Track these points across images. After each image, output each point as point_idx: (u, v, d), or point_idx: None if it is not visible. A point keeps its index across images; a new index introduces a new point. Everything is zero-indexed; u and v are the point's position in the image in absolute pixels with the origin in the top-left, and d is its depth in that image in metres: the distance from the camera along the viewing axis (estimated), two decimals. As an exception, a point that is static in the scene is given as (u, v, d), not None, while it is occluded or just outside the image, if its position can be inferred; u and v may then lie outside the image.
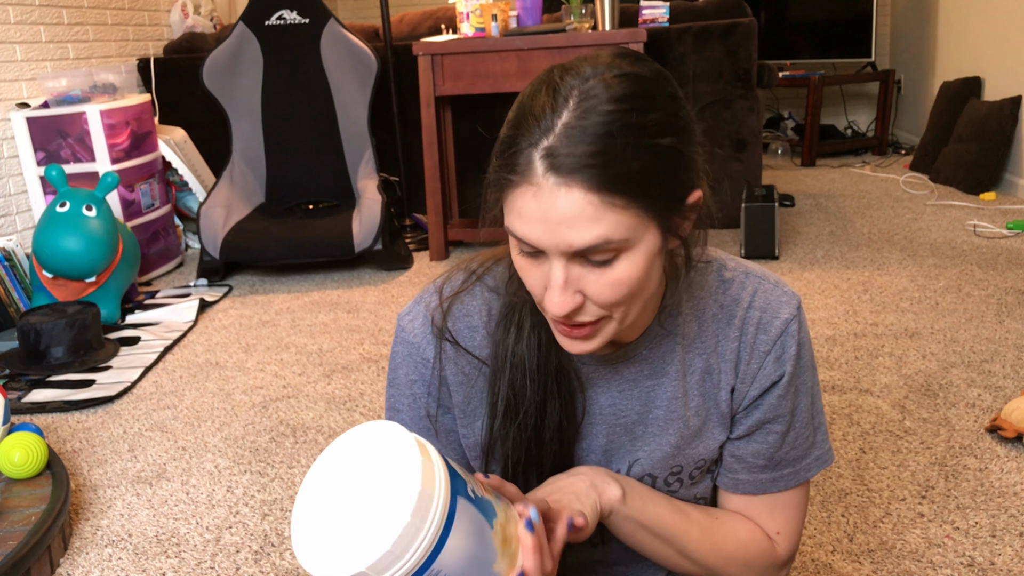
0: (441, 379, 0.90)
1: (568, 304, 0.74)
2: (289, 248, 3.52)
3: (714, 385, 0.89)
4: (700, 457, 0.91)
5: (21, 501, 1.69)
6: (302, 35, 3.90)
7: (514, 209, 0.73)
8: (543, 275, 0.75)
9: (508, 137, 0.74)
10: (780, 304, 0.89)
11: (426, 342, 0.90)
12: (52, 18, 3.70)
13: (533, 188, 0.71)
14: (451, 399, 0.91)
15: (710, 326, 0.89)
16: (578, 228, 0.70)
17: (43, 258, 2.90)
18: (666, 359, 0.88)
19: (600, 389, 0.89)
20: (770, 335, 0.88)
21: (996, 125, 4.28)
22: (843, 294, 2.93)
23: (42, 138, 3.42)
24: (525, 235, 0.73)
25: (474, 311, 0.90)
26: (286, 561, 1.62)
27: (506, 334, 0.87)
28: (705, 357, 0.89)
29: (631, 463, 0.90)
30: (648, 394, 0.89)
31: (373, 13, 6.27)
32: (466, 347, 0.89)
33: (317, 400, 2.33)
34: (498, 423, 0.87)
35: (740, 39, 3.70)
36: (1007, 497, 1.68)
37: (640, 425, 0.89)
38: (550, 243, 0.72)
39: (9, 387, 2.51)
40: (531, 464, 0.88)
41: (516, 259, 0.78)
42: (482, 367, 0.89)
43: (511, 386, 0.86)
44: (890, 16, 6.16)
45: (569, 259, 0.73)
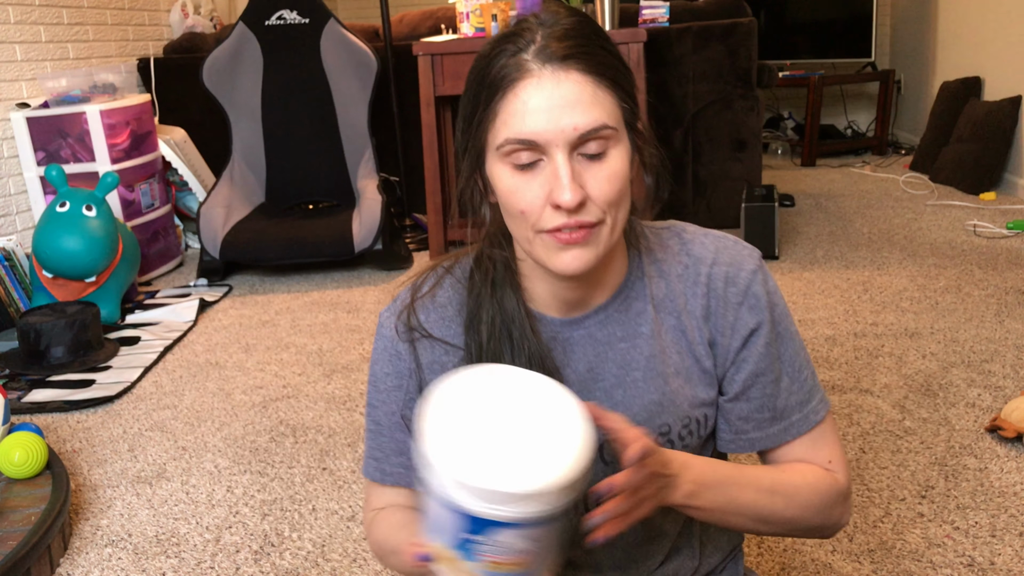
0: (419, 377, 0.92)
1: (578, 193, 0.78)
2: (289, 248, 3.52)
3: (689, 342, 0.91)
4: (686, 415, 0.91)
5: (21, 501, 1.69)
6: (302, 35, 3.90)
7: (514, 111, 0.78)
8: (542, 183, 0.79)
9: (484, 68, 0.81)
10: (743, 258, 0.92)
11: (400, 338, 0.93)
12: (52, 18, 3.70)
13: (534, 80, 0.78)
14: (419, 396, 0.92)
15: (677, 285, 0.92)
16: (580, 110, 0.77)
17: (43, 258, 2.90)
18: (638, 320, 0.91)
19: (576, 356, 0.90)
20: (739, 286, 0.91)
21: (996, 125, 4.28)
22: (843, 294, 2.93)
23: (42, 138, 3.42)
24: (531, 129, 0.77)
25: (447, 302, 0.93)
26: (286, 561, 1.62)
27: (476, 333, 0.89)
28: (676, 315, 0.91)
29: None
30: (624, 356, 0.90)
31: (373, 13, 6.26)
32: (441, 337, 0.92)
33: (317, 400, 2.33)
34: None
35: (740, 39, 3.70)
36: (1007, 497, 1.68)
37: (619, 388, 0.90)
38: (555, 131, 0.77)
39: (9, 387, 2.51)
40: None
41: (509, 183, 0.81)
42: (459, 354, 0.91)
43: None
44: (890, 16, 6.16)
45: (570, 153, 0.78)
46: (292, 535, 1.71)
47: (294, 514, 1.78)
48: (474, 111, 0.82)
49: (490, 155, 0.82)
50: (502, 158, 0.80)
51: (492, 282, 0.90)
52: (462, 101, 0.85)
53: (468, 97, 0.84)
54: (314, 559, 1.62)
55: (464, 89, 0.85)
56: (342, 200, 4.01)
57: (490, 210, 0.89)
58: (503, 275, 0.90)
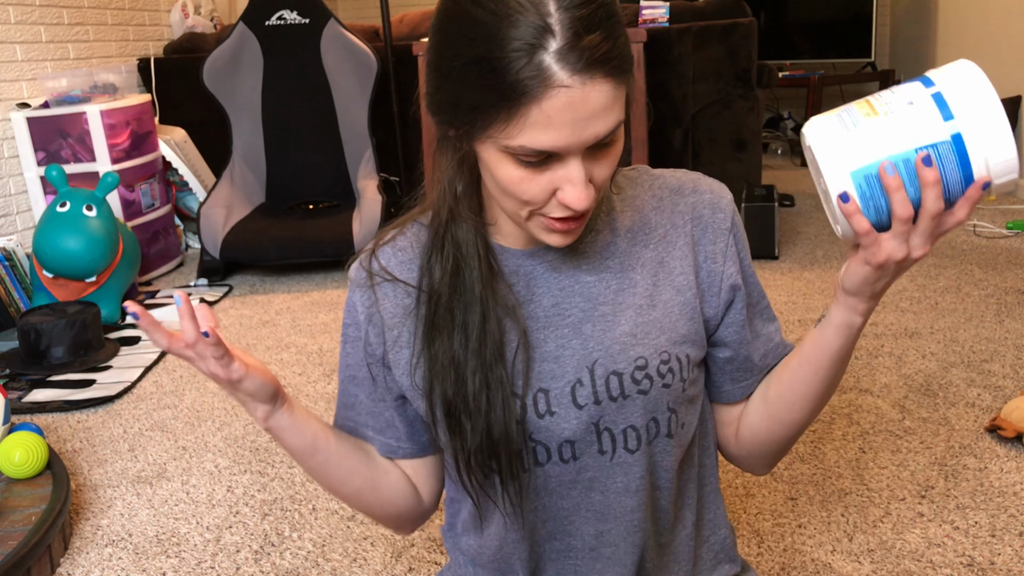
0: (380, 322, 0.91)
1: (590, 197, 0.76)
2: (289, 248, 3.52)
3: (668, 273, 0.90)
4: (664, 350, 0.87)
5: (21, 501, 1.69)
6: (302, 35, 3.90)
7: (534, 122, 0.71)
8: (550, 179, 0.76)
9: (489, 58, 0.70)
10: (718, 187, 0.94)
11: (355, 287, 0.92)
12: (52, 18, 3.70)
13: (562, 96, 0.70)
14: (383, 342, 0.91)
15: (652, 217, 0.91)
16: (604, 117, 0.73)
17: (43, 258, 2.90)
18: (604, 253, 0.89)
19: (542, 292, 0.88)
20: (726, 212, 0.92)
21: (996, 125, 4.28)
22: (843, 294, 2.93)
23: (42, 138, 3.42)
24: (552, 143, 0.72)
25: (407, 245, 0.91)
26: (286, 561, 1.62)
27: (431, 271, 0.87)
28: (652, 247, 0.90)
29: (591, 367, 0.87)
30: (590, 290, 0.88)
31: (373, 13, 6.26)
32: (402, 279, 0.90)
33: (317, 400, 2.33)
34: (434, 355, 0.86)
35: (740, 39, 3.70)
36: (1007, 497, 1.69)
37: (587, 323, 0.88)
38: (576, 142, 0.73)
39: (9, 387, 2.51)
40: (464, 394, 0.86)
41: (513, 174, 0.76)
42: (419, 296, 0.89)
43: (437, 315, 0.87)
44: (890, 16, 6.16)
45: (583, 155, 0.75)
46: (292, 535, 1.71)
47: (294, 514, 1.78)
48: (469, 100, 0.73)
49: (491, 143, 0.75)
50: (510, 154, 0.75)
51: (451, 216, 0.86)
52: (440, 54, 0.75)
53: (458, 73, 0.73)
54: (314, 559, 1.62)
55: (440, 43, 0.75)
56: (342, 200, 4.01)
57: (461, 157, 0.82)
58: (465, 210, 0.85)
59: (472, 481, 0.88)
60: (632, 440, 0.88)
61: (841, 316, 0.85)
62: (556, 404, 0.86)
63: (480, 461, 0.86)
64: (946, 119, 0.73)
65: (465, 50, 0.72)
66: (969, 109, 0.73)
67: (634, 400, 0.87)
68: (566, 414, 0.87)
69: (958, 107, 0.73)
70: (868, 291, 0.82)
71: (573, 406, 0.86)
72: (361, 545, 1.66)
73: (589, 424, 0.87)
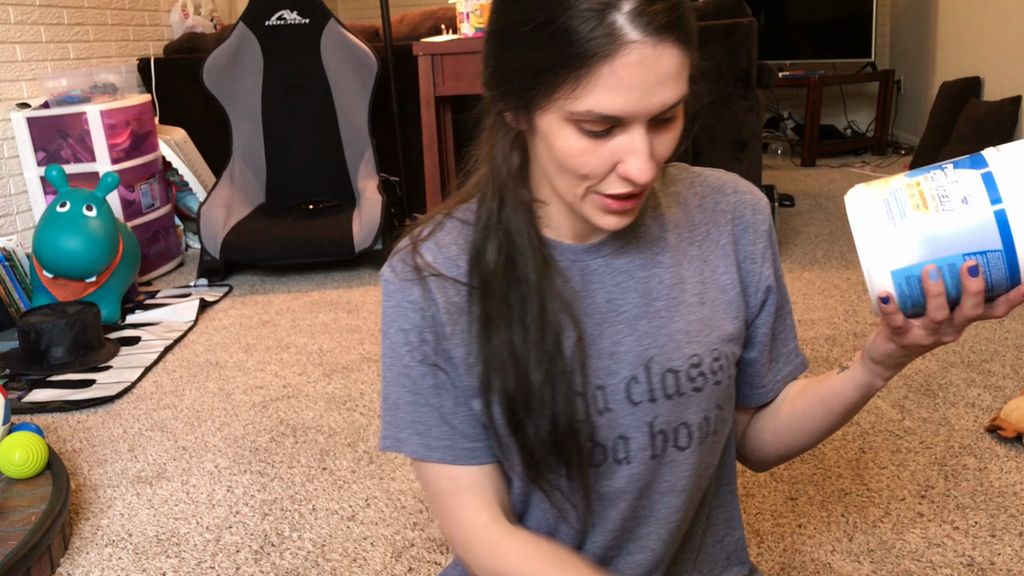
0: (434, 318, 0.85)
1: (654, 171, 0.74)
2: (289, 248, 3.52)
3: (712, 271, 0.90)
4: (715, 348, 0.87)
5: (21, 501, 1.69)
6: (302, 35, 3.90)
7: (604, 85, 0.70)
8: (612, 151, 0.74)
9: (558, 19, 0.70)
10: (755, 188, 0.94)
11: (406, 286, 0.86)
12: (52, 18, 3.70)
13: (633, 56, 0.69)
14: (436, 339, 0.86)
15: (696, 214, 0.91)
16: (672, 86, 0.72)
17: (43, 258, 2.90)
18: (656, 248, 0.88)
19: (596, 287, 0.86)
20: (765, 214, 0.92)
21: (996, 125, 4.28)
22: (843, 294, 2.93)
23: (42, 138, 3.42)
24: (620, 107, 0.71)
25: (451, 242, 0.87)
26: (286, 561, 1.62)
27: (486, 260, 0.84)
28: (698, 244, 0.90)
29: (647, 364, 0.85)
30: (644, 285, 0.87)
31: (373, 13, 6.26)
32: (449, 276, 0.86)
33: (317, 400, 2.33)
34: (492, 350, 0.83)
35: (740, 39, 3.70)
36: (1007, 497, 1.68)
37: (643, 319, 0.86)
38: (644, 109, 0.71)
39: (9, 387, 2.51)
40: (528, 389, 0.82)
41: (574, 145, 0.74)
42: (472, 292, 0.85)
43: (492, 312, 0.83)
44: (890, 16, 6.16)
45: (648, 126, 0.73)
46: (292, 535, 1.71)
47: (294, 514, 1.78)
48: (536, 56, 0.72)
49: (552, 110, 0.74)
50: (571, 120, 0.73)
51: (501, 207, 0.84)
52: (506, 20, 0.74)
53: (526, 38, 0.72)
54: (314, 559, 1.62)
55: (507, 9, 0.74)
56: (342, 200, 4.01)
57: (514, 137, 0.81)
58: (514, 202, 0.83)
59: (537, 476, 0.85)
60: (683, 438, 0.88)
61: (863, 378, 0.86)
62: (612, 400, 0.85)
63: (546, 455, 0.84)
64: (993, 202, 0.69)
65: (534, 14, 0.72)
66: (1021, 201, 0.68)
67: (689, 398, 0.87)
68: (621, 410, 0.86)
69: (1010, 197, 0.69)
70: (892, 363, 0.83)
71: (628, 402, 0.85)
72: (361, 545, 1.66)
73: (644, 423, 0.86)
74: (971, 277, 0.70)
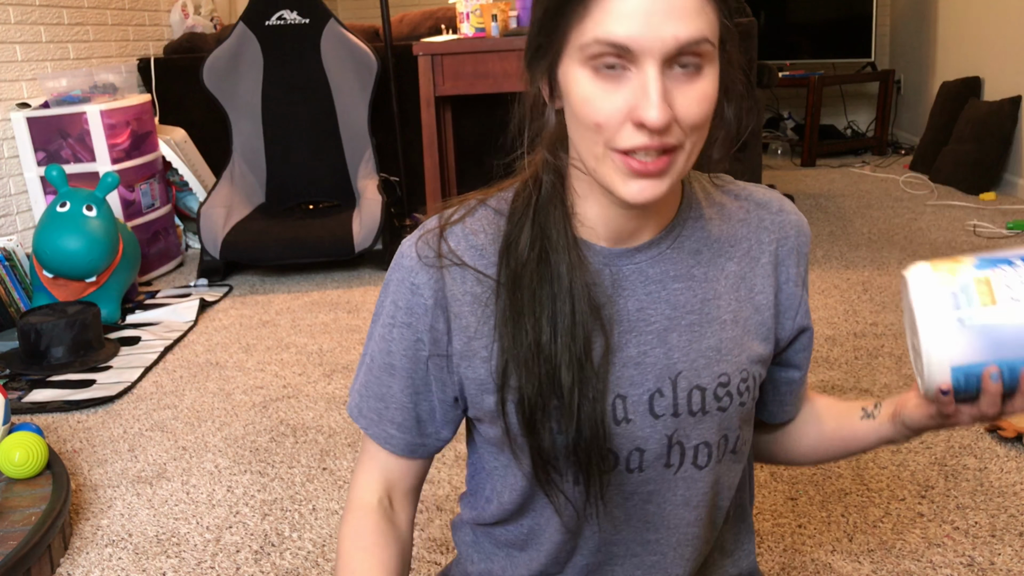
0: (444, 311, 0.84)
1: (667, 113, 0.70)
2: (289, 248, 3.52)
3: (748, 290, 0.87)
4: (744, 368, 0.86)
5: (21, 501, 1.69)
6: (302, 35, 3.90)
7: (608, 8, 0.69)
8: (625, 96, 0.71)
9: None
10: (797, 210, 0.92)
11: (420, 267, 0.84)
12: (52, 18, 3.70)
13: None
14: (448, 331, 0.85)
15: (739, 230, 0.88)
16: (685, 19, 0.69)
17: (43, 258, 2.90)
18: (693, 260, 0.85)
19: (627, 294, 0.84)
20: (807, 237, 0.91)
21: (996, 125, 4.28)
22: (843, 294, 2.93)
23: (42, 138, 3.42)
24: (626, 32, 0.69)
25: (480, 230, 0.85)
26: (286, 561, 1.62)
27: (517, 253, 0.82)
28: (737, 261, 0.87)
29: (674, 378, 0.84)
30: (676, 297, 0.84)
31: (373, 13, 6.27)
32: (473, 266, 0.83)
33: (317, 400, 2.33)
34: (508, 354, 0.81)
35: (740, 39, 3.70)
36: (1007, 497, 1.69)
37: (673, 332, 0.84)
38: (653, 37, 0.69)
39: (9, 387, 2.51)
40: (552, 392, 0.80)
41: (587, 89, 0.72)
42: (495, 286, 0.83)
43: (520, 313, 0.81)
44: (890, 16, 6.16)
45: (663, 66, 0.70)
46: (292, 535, 1.71)
47: (294, 514, 1.78)
48: (552, 2, 0.73)
49: (569, 55, 0.73)
50: (584, 61, 0.72)
51: (538, 200, 0.82)
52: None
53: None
54: (314, 559, 1.62)
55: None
56: (342, 200, 4.01)
57: (555, 115, 0.80)
58: (551, 195, 0.82)
59: (546, 478, 0.84)
60: (703, 456, 0.86)
61: (889, 434, 0.88)
62: (633, 412, 0.84)
63: (561, 460, 0.82)
64: None
65: None
66: None
67: (712, 416, 0.85)
68: (641, 422, 0.84)
69: None
70: (925, 430, 0.85)
71: (649, 415, 0.84)
72: (361, 545, 1.65)
73: (663, 436, 0.84)
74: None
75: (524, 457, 0.84)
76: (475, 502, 0.98)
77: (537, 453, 0.82)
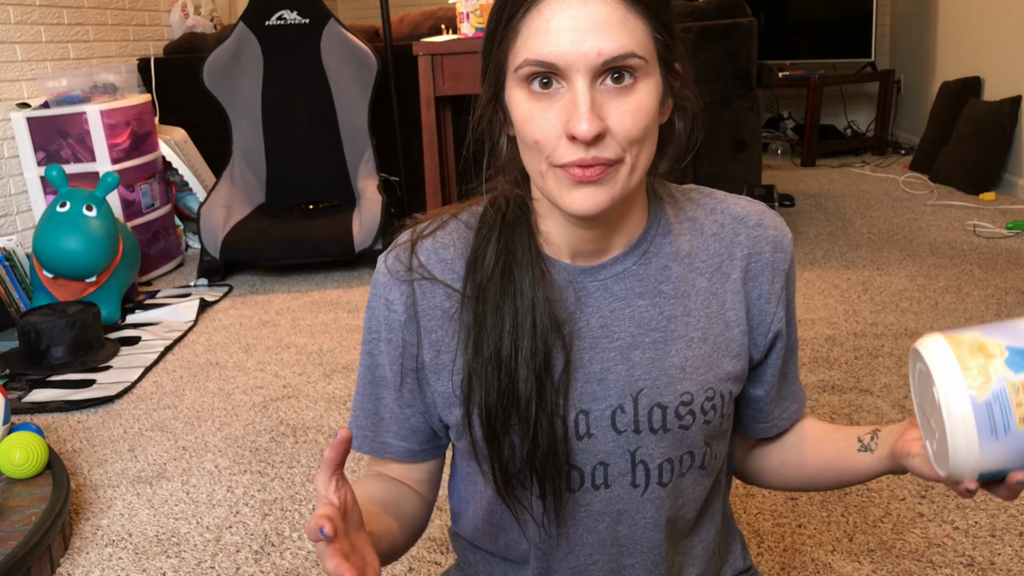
0: (416, 324, 0.86)
1: (595, 125, 0.71)
2: (289, 248, 3.52)
3: (720, 306, 0.87)
4: (710, 387, 0.85)
5: (21, 501, 1.69)
6: (302, 35, 3.90)
7: (535, 30, 0.72)
8: (559, 112, 0.73)
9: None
10: (782, 225, 0.90)
11: (391, 282, 0.86)
12: (52, 18, 3.70)
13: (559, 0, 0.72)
14: (419, 344, 0.87)
15: (712, 244, 0.87)
16: (608, 34, 0.71)
17: (43, 258, 2.90)
18: (659, 277, 0.85)
19: (590, 308, 0.84)
20: (787, 252, 0.89)
21: (996, 125, 4.28)
22: (843, 294, 2.93)
23: (42, 138, 3.42)
24: (551, 51, 0.72)
25: (449, 244, 0.87)
26: (286, 561, 1.62)
27: (477, 274, 0.84)
28: (708, 276, 0.87)
29: (635, 396, 0.84)
30: (641, 314, 0.84)
31: (373, 13, 6.27)
32: (442, 279, 0.85)
33: (317, 400, 2.33)
34: (471, 366, 0.83)
35: (740, 39, 3.70)
36: (1007, 497, 1.69)
37: (636, 349, 0.84)
38: (578, 54, 0.71)
39: (9, 387, 2.51)
40: (511, 404, 0.82)
41: (524, 109, 0.75)
42: (464, 300, 0.85)
43: (483, 327, 0.83)
44: (890, 16, 6.16)
45: (592, 81, 0.72)
46: (292, 535, 1.71)
47: (294, 514, 1.78)
48: (496, 28, 0.77)
49: (509, 78, 0.76)
50: (520, 82, 0.75)
51: (503, 219, 0.84)
52: (488, 18, 0.79)
53: (493, 12, 0.78)
54: (314, 559, 1.62)
55: (490, 12, 0.79)
56: (342, 200, 4.01)
57: (508, 144, 0.83)
58: (517, 213, 0.84)
59: (510, 492, 0.85)
60: (667, 473, 0.86)
61: (889, 470, 0.86)
62: (595, 426, 0.84)
63: (522, 473, 0.83)
64: None
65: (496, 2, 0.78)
66: None
67: (674, 434, 0.85)
68: (604, 437, 0.84)
69: None
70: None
71: (612, 430, 0.84)
72: (361, 545, 1.65)
73: (626, 451, 0.85)
74: None
75: (489, 470, 0.86)
76: (453, 503, 1.00)
77: (499, 465, 0.83)
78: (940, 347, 0.69)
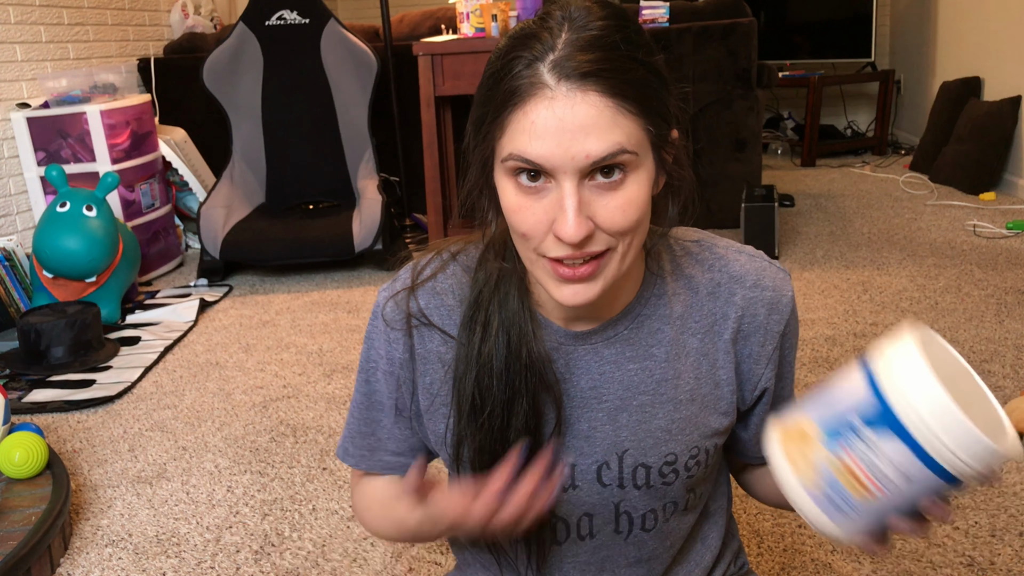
0: (412, 368, 0.88)
1: (582, 228, 0.70)
2: (289, 248, 3.52)
3: (711, 366, 0.86)
4: (695, 445, 0.86)
5: (21, 501, 1.69)
6: (302, 35, 3.90)
7: (522, 129, 0.71)
8: (546, 208, 0.72)
9: (498, 71, 0.73)
10: (782, 282, 0.88)
11: (392, 327, 0.88)
12: (52, 18, 3.70)
13: (547, 99, 0.69)
14: (414, 387, 0.89)
15: (706, 304, 0.86)
16: (596, 135, 0.69)
17: (43, 258, 2.90)
18: (651, 341, 0.85)
19: (580, 372, 0.85)
20: (783, 315, 0.87)
21: (996, 125, 4.28)
22: (843, 294, 2.93)
23: (42, 138, 3.42)
24: (537, 152, 0.70)
25: (449, 290, 0.87)
26: (286, 561, 1.62)
27: (471, 333, 0.84)
28: (700, 337, 0.86)
29: (620, 455, 0.85)
30: (632, 378, 0.85)
31: (373, 13, 6.26)
32: (440, 327, 0.86)
33: (317, 400, 2.33)
34: (463, 422, 0.84)
35: (740, 39, 3.70)
36: (1007, 497, 1.68)
37: (624, 412, 0.85)
38: (565, 156, 0.69)
39: (9, 387, 2.51)
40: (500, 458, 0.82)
41: (512, 200, 0.74)
42: (458, 364, 0.86)
43: (476, 385, 0.83)
44: (890, 16, 6.16)
45: (580, 180, 0.71)
46: (292, 535, 1.71)
47: (294, 514, 1.78)
48: (484, 116, 0.75)
49: (497, 165, 0.75)
50: (507, 173, 0.74)
51: (497, 280, 0.84)
52: (476, 97, 0.78)
53: (480, 96, 0.76)
54: (314, 559, 1.62)
55: (479, 84, 0.77)
56: (342, 200, 4.01)
57: (497, 214, 0.82)
58: (509, 275, 0.84)
59: (497, 545, 0.87)
60: (650, 521, 0.88)
61: None
62: (580, 479, 0.86)
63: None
64: (949, 481, 0.69)
65: (487, 73, 0.75)
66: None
67: (658, 490, 0.87)
68: (589, 489, 0.86)
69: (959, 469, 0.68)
70: None
71: (597, 483, 0.86)
72: (361, 545, 1.66)
73: (610, 503, 0.87)
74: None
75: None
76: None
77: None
78: (774, 442, 0.73)
